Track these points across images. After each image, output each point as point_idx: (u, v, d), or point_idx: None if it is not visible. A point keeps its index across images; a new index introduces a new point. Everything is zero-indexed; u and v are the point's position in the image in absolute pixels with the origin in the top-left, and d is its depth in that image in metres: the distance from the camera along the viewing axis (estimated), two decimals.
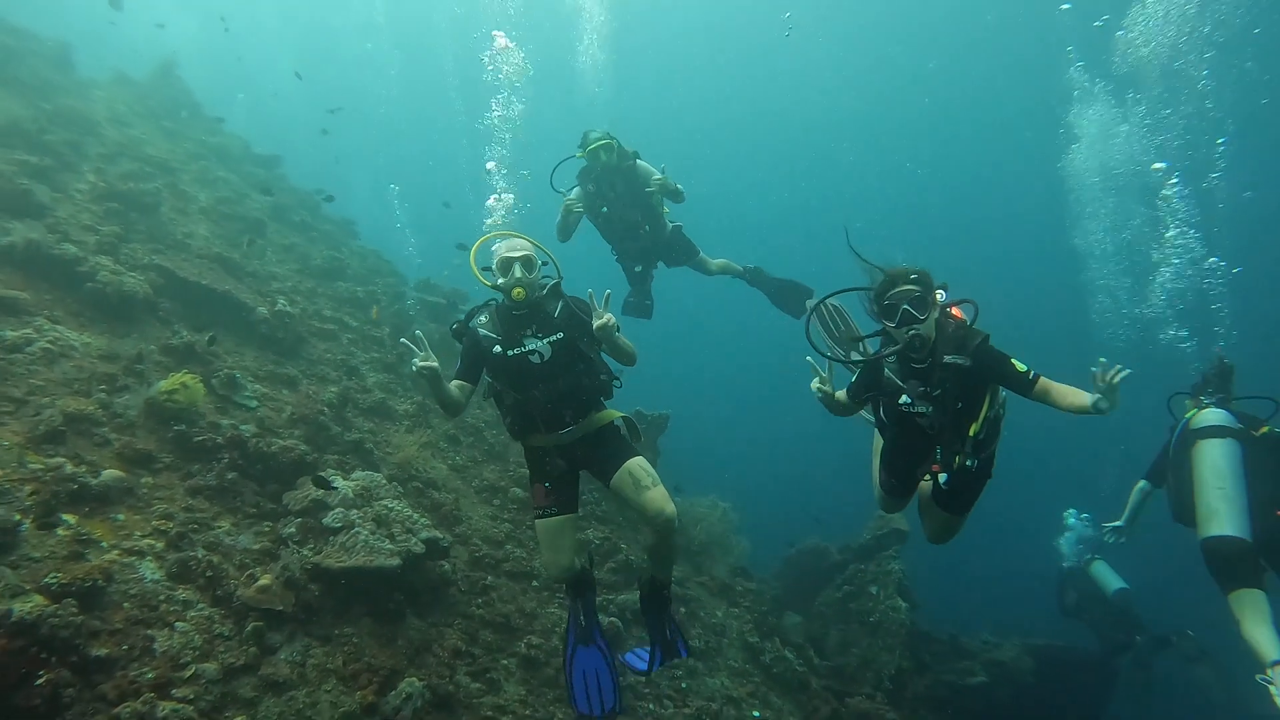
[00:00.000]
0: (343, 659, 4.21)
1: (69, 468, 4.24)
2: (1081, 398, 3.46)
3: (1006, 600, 9.31)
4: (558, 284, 4.07)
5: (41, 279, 5.94)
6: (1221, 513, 4.67)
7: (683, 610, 7.07)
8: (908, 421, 3.88)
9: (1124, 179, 11.45)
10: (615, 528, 7.81)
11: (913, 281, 3.58)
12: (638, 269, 6.99)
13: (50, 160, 7.62)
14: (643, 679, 5.66)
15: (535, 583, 6.13)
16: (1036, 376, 3.58)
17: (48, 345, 5.23)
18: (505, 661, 5.13)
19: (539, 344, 3.87)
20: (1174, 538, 5.32)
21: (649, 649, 4.59)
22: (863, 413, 4.30)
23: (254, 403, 6.20)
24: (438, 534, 5.28)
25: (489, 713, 4.56)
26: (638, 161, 6.40)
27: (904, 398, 3.80)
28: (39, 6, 12.09)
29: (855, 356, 4.33)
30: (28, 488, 3.99)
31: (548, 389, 3.89)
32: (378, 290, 10.44)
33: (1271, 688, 4.16)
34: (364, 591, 4.63)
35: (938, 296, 3.63)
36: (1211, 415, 5.12)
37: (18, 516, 3.73)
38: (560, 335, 3.90)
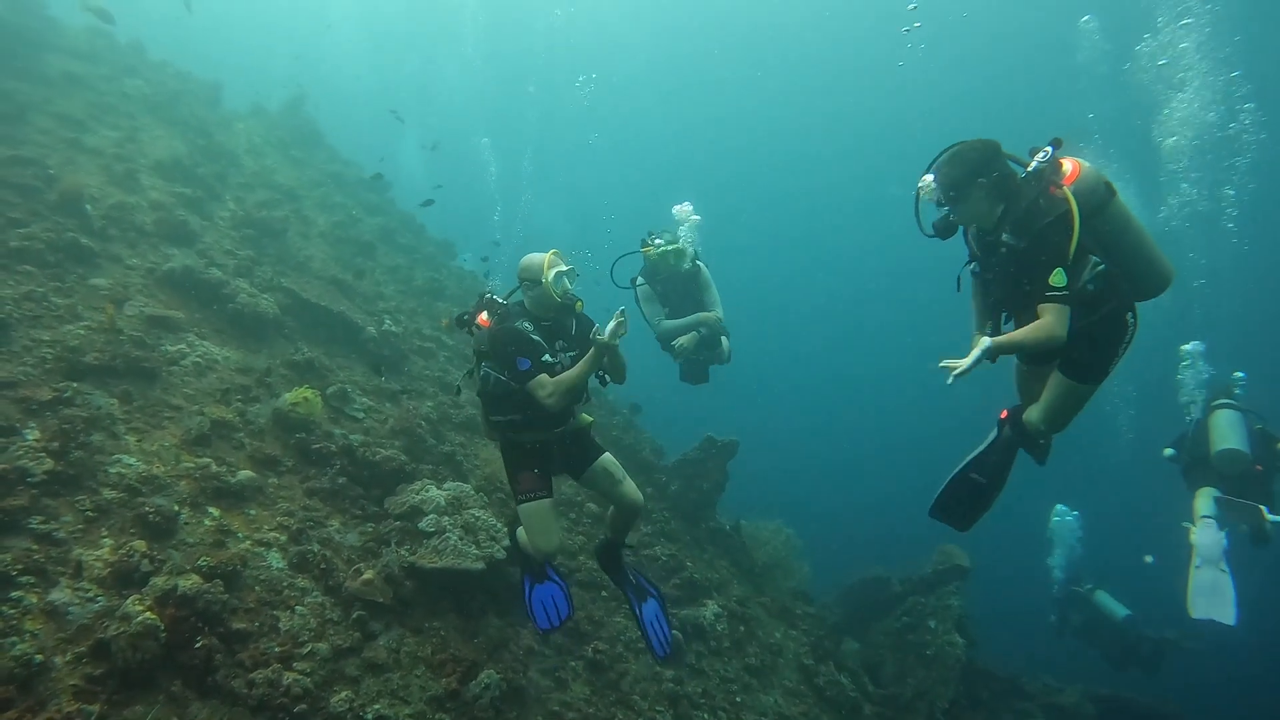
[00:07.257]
0: (431, 649, 4.80)
1: (214, 467, 5.01)
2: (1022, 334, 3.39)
3: (1068, 649, 9.25)
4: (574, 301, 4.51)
5: (192, 299, 6.88)
6: (1234, 438, 6.47)
7: (742, 629, 7.41)
8: (980, 285, 3.96)
9: None
10: (682, 546, 8.23)
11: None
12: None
13: (201, 191, 8.73)
14: (698, 688, 6.06)
15: (604, 592, 6.61)
16: (1057, 298, 3.33)
17: (197, 359, 6.10)
18: (573, 663, 5.63)
19: (564, 356, 4.43)
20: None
21: (652, 627, 4.92)
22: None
23: (361, 414, 6.95)
24: None
25: (556, 708, 5.07)
26: (698, 263, 6.79)
27: (975, 264, 3.90)
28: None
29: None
30: (182, 483, 4.77)
31: None
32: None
33: (1192, 530, 6.33)
34: (451, 590, 5.23)
35: (1038, 158, 3.50)
36: (1229, 403, 6.79)
37: (176, 507, 4.50)
38: (577, 351, 4.44)
